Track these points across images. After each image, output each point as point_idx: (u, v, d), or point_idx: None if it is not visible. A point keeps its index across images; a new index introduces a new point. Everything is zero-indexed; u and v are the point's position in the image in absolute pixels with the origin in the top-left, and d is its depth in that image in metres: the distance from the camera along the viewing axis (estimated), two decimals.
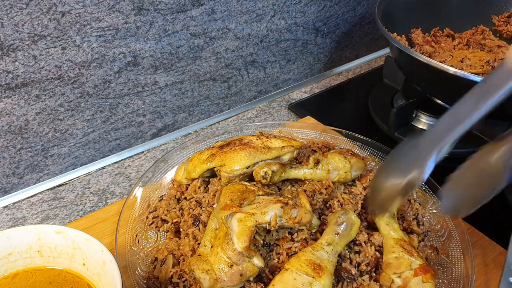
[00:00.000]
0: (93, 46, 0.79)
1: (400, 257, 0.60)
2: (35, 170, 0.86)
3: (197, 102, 1.00)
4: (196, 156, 0.77)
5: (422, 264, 0.59)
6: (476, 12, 1.15)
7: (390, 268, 0.60)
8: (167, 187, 0.79)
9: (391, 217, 0.67)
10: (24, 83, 0.76)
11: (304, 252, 0.59)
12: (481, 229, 0.76)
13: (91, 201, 0.85)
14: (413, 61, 0.84)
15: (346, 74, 1.24)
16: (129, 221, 0.73)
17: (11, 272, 0.59)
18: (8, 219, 0.81)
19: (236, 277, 0.57)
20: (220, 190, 0.71)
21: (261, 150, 0.73)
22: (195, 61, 0.94)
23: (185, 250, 0.66)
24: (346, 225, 0.63)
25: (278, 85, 1.14)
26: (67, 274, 0.59)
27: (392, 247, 0.62)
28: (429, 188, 0.77)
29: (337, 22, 1.15)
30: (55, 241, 0.58)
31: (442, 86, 0.86)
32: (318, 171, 0.73)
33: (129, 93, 0.89)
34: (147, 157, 0.95)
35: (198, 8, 0.88)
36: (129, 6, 0.79)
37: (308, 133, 0.91)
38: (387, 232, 0.65)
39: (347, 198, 0.72)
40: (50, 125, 0.83)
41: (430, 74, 0.85)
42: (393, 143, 0.94)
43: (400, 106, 0.96)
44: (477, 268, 0.70)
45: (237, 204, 0.62)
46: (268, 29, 1.02)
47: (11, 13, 0.69)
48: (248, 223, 0.59)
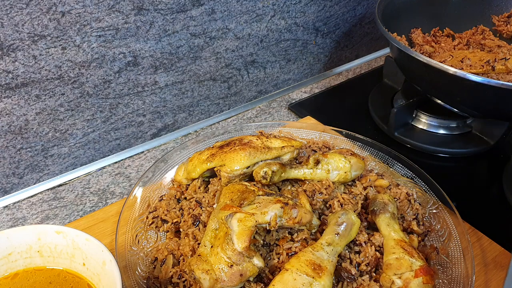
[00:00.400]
0: (93, 46, 0.79)
1: (401, 258, 0.60)
2: (35, 170, 0.86)
3: (197, 102, 1.00)
4: (196, 156, 0.77)
5: (422, 265, 0.59)
6: (476, 12, 1.15)
7: (391, 269, 0.60)
8: (167, 187, 0.79)
9: (392, 217, 0.67)
10: (24, 83, 0.76)
11: (304, 252, 0.59)
12: (481, 229, 0.76)
13: (91, 201, 0.85)
14: (413, 61, 0.84)
15: (346, 74, 1.24)
16: (129, 221, 0.73)
17: (11, 272, 0.59)
18: (8, 219, 0.81)
19: (236, 277, 0.57)
20: (220, 190, 0.71)
21: (261, 150, 0.73)
22: (195, 61, 0.94)
23: (185, 250, 0.66)
24: (346, 225, 0.63)
25: (278, 85, 1.14)
26: (67, 274, 0.59)
27: (393, 248, 0.62)
28: (429, 188, 0.77)
29: (337, 22, 1.15)
30: (55, 241, 0.58)
31: (442, 86, 0.86)
32: (318, 171, 0.73)
33: (129, 93, 0.89)
34: (147, 157, 0.95)
35: (198, 8, 0.88)
36: (129, 6, 0.79)
37: (308, 133, 0.91)
38: (388, 233, 0.65)
39: (347, 198, 0.72)
40: (50, 125, 0.83)
41: (430, 74, 0.85)
42: (393, 143, 0.95)
43: (400, 106, 0.96)
44: (477, 268, 0.70)
45: (237, 204, 0.62)
46: (268, 29, 1.02)
47: (11, 13, 0.69)
48: (248, 223, 0.59)
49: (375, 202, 0.69)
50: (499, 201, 0.84)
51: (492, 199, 0.85)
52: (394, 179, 0.80)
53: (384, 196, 0.70)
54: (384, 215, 0.67)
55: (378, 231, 0.66)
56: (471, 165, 0.93)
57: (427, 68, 0.81)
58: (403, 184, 0.78)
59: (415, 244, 0.68)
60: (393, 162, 0.83)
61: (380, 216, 0.67)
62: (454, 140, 0.96)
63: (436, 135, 0.97)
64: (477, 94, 0.82)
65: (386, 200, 0.69)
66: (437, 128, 0.97)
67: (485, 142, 0.94)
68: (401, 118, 0.97)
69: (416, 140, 0.95)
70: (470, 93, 0.83)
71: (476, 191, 0.87)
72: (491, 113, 0.90)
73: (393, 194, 0.75)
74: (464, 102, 0.88)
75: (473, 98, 0.85)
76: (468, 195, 0.85)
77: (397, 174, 0.81)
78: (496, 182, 0.87)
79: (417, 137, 0.96)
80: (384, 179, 0.77)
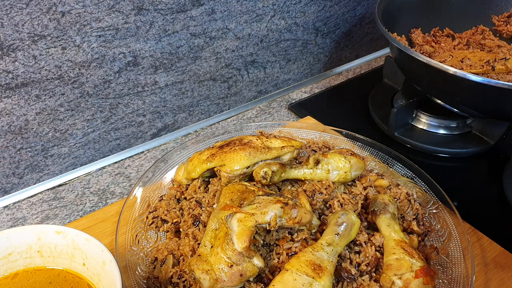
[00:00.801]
0: (93, 46, 0.79)
1: (401, 259, 0.60)
2: (35, 170, 0.86)
3: (197, 102, 1.00)
4: (196, 156, 0.77)
5: (422, 266, 0.59)
6: (476, 12, 1.15)
7: (391, 270, 0.60)
8: (167, 187, 0.79)
9: (392, 218, 0.67)
10: (24, 83, 0.76)
11: (304, 253, 0.59)
12: (481, 229, 0.76)
13: (91, 201, 0.85)
14: (413, 61, 0.84)
15: (346, 74, 1.24)
16: (129, 221, 0.73)
17: (11, 272, 0.59)
18: (8, 219, 0.81)
19: (236, 277, 0.57)
20: (220, 190, 0.71)
21: (261, 150, 0.73)
22: (195, 61, 0.94)
23: (185, 250, 0.66)
24: (346, 226, 0.63)
25: (278, 85, 1.14)
26: (67, 274, 0.59)
27: (393, 249, 0.62)
28: (429, 188, 0.77)
29: (337, 22, 1.15)
30: (55, 241, 0.58)
31: (442, 86, 0.86)
32: (318, 171, 0.73)
33: (129, 93, 0.89)
34: (147, 157, 0.95)
35: (198, 8, 0.88)
36: (129, 6, 0.79)
37: (308, 133, 0.91)
38: (388, 233, 0.65)
39: (347, 198, 0.72)
40: (50, 125, 0.83)
41: (430, 74, 0.85)
42: (393, 143, 0.95)
43: (400, 106, 0.96)
44: (477, 268, 0.70)
45: (237, 204, 0.62)
46: (268, 29, 1.02)
47: (11, 13, 0.69)
48: (248, 223, 0.59)
49: (375, 203, 0.69)
50: (499, 201, 0.84)
51: (492, 199, 0.85)
52: (394, 179, 0.80)
53: (384, 196, 0.70)
54: (385, 215, 0.67)
55: (378, 231, 0.66)
56: (471, 165, 0.93)
57: (427, 68, 0.81)
58: (403, 184, 0.78)
59: (415, 244, 0.68)
60: (393, 162, 0.83)
61: (381, 217, 0.67)
62: (454, 140, 0.96)
63: (436, 135, 0.97)
64: (477, 94, 0.82)
65: (387, 200, 0.69)
66: (437, 128, 0.97)
67: (485, 142, 0.94)
68: (401, 118, 0.97)
69: (416, 140, 0.95)
70: (470, 93, 0.83)
71: (476, 191, 0.87)
72: (491, 113, 0.90)
73: (393, 194, 0.75)
74: (464, 102, 0.88)
75: (473, 98, 0.85)
76: (468, 195, 0.85)
77: (397, 174, 0.81)
78: (496, 182, 0.87)
79: (417, 137, 0.96)
80: (384, 179, 0.77)
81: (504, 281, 0.69)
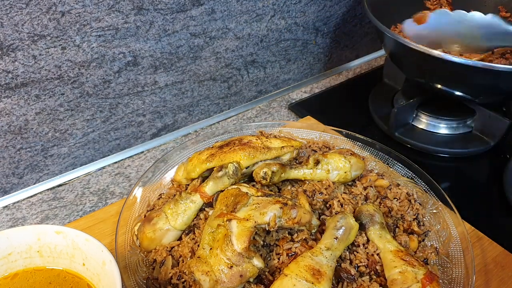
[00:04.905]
0: (93, 46, 0.79)
1: (404, 271, 0.59)
2: (35, 170, 0.86)
3: (197, 102, 1.00)
4: (195, 156, 0.76)
5: (426, 273, 0.58)
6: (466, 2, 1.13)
7: (397, 285, 0.58)
8: (167, 187, 0.79)
9: (381, 228, 0.66)
10: (24, 83, 0.76)
11: (303, 257, 0.59)
12: (481, 229, 0.76)
13: (91, 201, 0.85)
14: (412, 52, 0.83)
15: (346, 74, 1.24)
16: (129, 221, 0.73)
17: (11, 272, 0.59)
18: (8, 219, 0.81)
19: (236, 278, 0.57)
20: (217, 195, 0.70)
21: (261, 150, 0.73)
22: (195, 61, 0.94)
23: (184, 251, 0.66)
24: (344, 229, 0.63)
25: (278, 85, 1.14)
26: (67, 274, 0.59)
27: (393, 262, 0.61)
28: (429, 188, 0.77)
29: (337, 22, 1.15)
30: (55, 241, 0.58)
31: (444, 74, 0.86)
32: (318, 171, 0.73)
33: (129, 93, 0.88)
34: (147, 157, 0.95)
35: (198, 8, 0.87)
36: (129, 6, 0.79)
37: (308, 133, 0.91)
38: (383, 246, 0.64)
39: (347, 198, 0.72)
40: (50, 125, 0.83)
41: (431, 64, 0.84)
42: (393, 143, 0.95)
43: (400, 106, 0.96)
44: (477, 268, 0.70)
45: (231, 209, 0.62)
46: (268, 29, 1.01)
47: (11, 13, 0.69)
48: (247, 224, 0.59)
49: (361, 215, 0.67)
50: (499, 201, 0.84)
51: (492, 199, 0.85)
52: (394, 179, 0.79)
53: (368, 207, 0.68)
54: (374, 227, 0.66)
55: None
56: (471, 165, 0.93)
57: (425, 57, 0.80)
58: (404, 184, 0.78)
59: (415, 244, 0.68)
60: (393, 162, 0.83)
61: (371, 229, 0.66)
62: (454, 140, 0.95)
63: (437, 135, 0.97)
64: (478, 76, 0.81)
65: (372, 211, 0.67)
66: (438, 128, 0.97)
67: (485, 142, 0.94)
68: (402, 118, 0.97)
69: (417, 140, 0.95)
70: (472, 77, 0.82)
71: (476, 191, 0.87)
72: (491, 93, 0.89)
73: (393, 194, 0.75)
74: (470, 85, 0.87)
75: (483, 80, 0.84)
76: (468, 195, 0.85)
77: (397, 174, 0.81)
78: (496, 182, 0.87)
79: (418, 137, 0.96)
80: (384, 179, 0.77)
81: (504, 281, 0.68)
